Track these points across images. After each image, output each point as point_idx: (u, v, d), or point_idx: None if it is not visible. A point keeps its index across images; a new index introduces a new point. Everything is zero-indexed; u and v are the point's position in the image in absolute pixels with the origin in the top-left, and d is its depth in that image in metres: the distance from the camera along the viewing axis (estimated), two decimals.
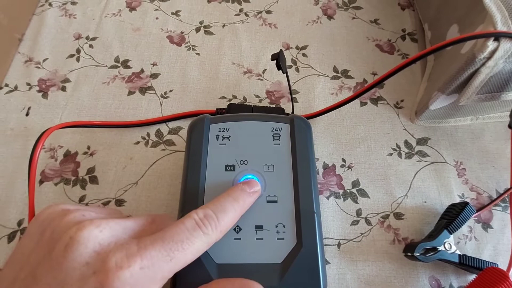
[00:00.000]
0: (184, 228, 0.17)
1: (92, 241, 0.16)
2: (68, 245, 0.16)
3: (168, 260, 0.16)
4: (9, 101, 0.33)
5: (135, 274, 0.15)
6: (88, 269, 0.15)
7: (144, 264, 0.16)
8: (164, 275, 0.16)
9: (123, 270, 0.15)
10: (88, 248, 0.16)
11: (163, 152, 0.30)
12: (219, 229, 0.18)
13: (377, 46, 0.37)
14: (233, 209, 0.19)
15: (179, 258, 0.16)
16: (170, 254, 0.16)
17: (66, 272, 0.15)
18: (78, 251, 0.15)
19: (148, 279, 0.16)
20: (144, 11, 0.39)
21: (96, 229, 0.16)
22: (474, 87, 0.26)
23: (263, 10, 0.39)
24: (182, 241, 0.17)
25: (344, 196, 0.29)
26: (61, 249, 0.16)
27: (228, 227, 0.19)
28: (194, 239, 0.17)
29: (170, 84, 0.34)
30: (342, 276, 0.26)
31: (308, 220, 0.21)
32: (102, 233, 0.16)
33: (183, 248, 0.17)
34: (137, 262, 0.15)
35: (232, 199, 0.20)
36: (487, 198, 0.29)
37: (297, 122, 0.25)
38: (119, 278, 0.15)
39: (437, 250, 0.25)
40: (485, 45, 0.23)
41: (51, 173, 0.29)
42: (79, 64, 0.35)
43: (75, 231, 0.16)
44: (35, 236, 0.17)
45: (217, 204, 0.19)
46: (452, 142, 0.32)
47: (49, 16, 0.38)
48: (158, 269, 0.16)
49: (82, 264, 0.15)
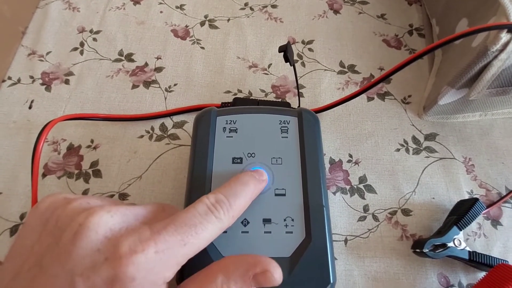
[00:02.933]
0: (196, 212, 0.17)
1: (103, 226, 0.15)
2: (77, 232, 0.15)
3: (182, 245, 0.16)
4: (12, 94, 0.32)
5: (150, 259, 0.15)
6: (100, 256, 0.14)
7: (159, 248, 0.15)
8: (178, 261, 0.16)
9: (137, 255, 0.14)
10: (99, 234, 0.15)
11: (168, 146, 0.30)
12: (231, 213, 0.18)
13: (384, 41, 0.37)
14: (244, 193, 0.19)
15: (192, 243, 0.16)
16: (184, 239, 0.16)
17: (75, 260, 0.14)
18: (88, 237, 0.15)
19: (163, 264, 0.15)
20: (148, 4, 0.38)
21: (107, 214, 0.16)
22: (486, 81, 0.25)
23: (269, 4, 0.39)
24: (195, 225, 0.16)
25: (351, 192, 0.29)
26: (70, 237, 0.15)
27: (240, 212, 0.19)
28: (206, 224, 0.17)
29: (174, 78, 0.34)
30: (349, 272, 0.26)
31: (317, 213, 0.21)
32: (113, 218, 0.16)
33: (196, 232, 0.16)
34: (151, 246, 0.15)
35: (242, 183, 0.19)
36: (497, 195, 0.29)
37: (305, 115, 0.24)
38: (134, 263, 0.14)
39: (447, 246, 0.24)
40: (498, 37, 0.22)
41: (54, 166, 0.29)
42: (83, 58, 0.35)
43: (85, 217, 0.15)
44: (37, 227, 0.16)
45: (228, 189, 0.19)
46: (461, 138, 0.31)
47: (52, 9, 0.38)
48: (173, 254, 0.15)
49: (93, 251, 0.15)
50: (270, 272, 0.16)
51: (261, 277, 0.16)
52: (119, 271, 0.14)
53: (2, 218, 0.27)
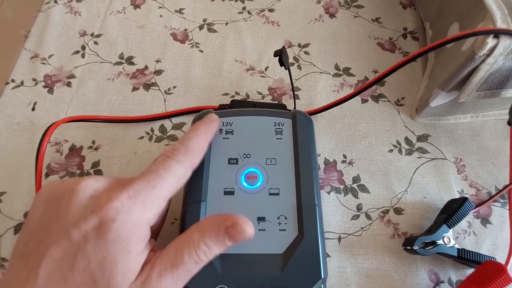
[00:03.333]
0: (157, 163, 0.20)
1: (89, 188, 0.18)
2: (70, 196, 0.18)
3: (151, 188, 0.18)
4: (16, 96, 0.33)
5: (124, 203, 0.18)
6: (87, 210, 0.17)
7: (130, 194, 0.18)
8: (153, 202, 0.18)
9: (113, 201, 0.17)
10: (86, 194, 0.18)
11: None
12: (189, 154, 0.20)
13: (378, 44, 0.37)
14: (196, 136, 0.22)
15: (160, 184, 0.19)
16: (150, 183, 0.18)
17: (70, 217, 0.17)
18: (78, 198, 0.18)
19: (139, 206, 0.18)
20: (148, 8, 0.39)
21: (93, 179, 0.19)
22: (474, 84, 0.26)
23: (266, 8, 0.40)
24: (157, 170, 0.19)
25: (344, 191, 0.29)
26: (65, 201, 0.18)
27: (199, 151, 0.21)
28: (168, 166, 0.19)
29: (173, 80, 0.35)
30: (343, 269, 0.26)
31: (310, 212, 0.21)
32: (98, 182, 0.19)
33: (160, 175, 0.19)
34: (123, 193, 0.18)
35: (194, 129, 0.22)
36: (487, 194, 0.30)
37: (299, 117, 0.25)
38: (112, 208, 0.17)
39: (436, 244, 0.25)
40: (485, 42, 0.23)
41: (57, 166, 0.30)
42: (84, 61, 0.36)
43: (75, 184, 0.19)
44: (40, 204, 0.19)
45: (182, 137, 0.22)
46: (452, 139, 0.32)
47: (54, 13, 0.39)
48: (146, 196, 0.18)
49: (83, 207, 0.18)
50: (239, 224, 0.18)
51: (232, 230, 0.18)
52: (100, 216, 0.17)
53: (6, 216, 0.28)
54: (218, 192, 0.22)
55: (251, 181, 0.23)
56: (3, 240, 0.27)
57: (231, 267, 0.20)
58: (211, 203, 0.22)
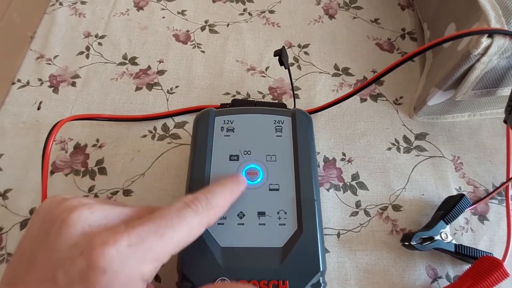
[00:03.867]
0: (173, 208, 0.17)
1: (82, 222, 0.16)
2: (60, 227, 0.16)
3: (158, 237, 0.16)
4: (22, 95, 0.34)
5: (122, 252, 0.15)
6: (77, 250, 0.15)
7: (132, 241, 0.15)
8: (156, 255, 0.16)
9: (108, 246, 0.15)
10: (77, 229, 0.15)
11: (169, 145, 0.32)
12: (210, 208, 0.18)
13: (377, 44, 0.38)
14: (222, 192, 0.20)
15: (170, 234, 0.16)
16: (159, 230, 0.16)
17: (58, 253, 0.15)
18: (68, 232, 0.15)
19: (137, 258, 0.15)
20: (151, 10, 0.40)
21: (87, 211, 0.16)
22: (470, 83, 0.26)
23: (267, 9, 0.40)
24: (171, 217, 0.16)
25: (344, 189, 0.30)
26: (55, 232, 0.16)
27: (220, 209, 0.19)
28: (183, 216, 0.17)
29: (176, 80, 0.35)
30: (342, 264, 0.27)
31: (309, 207, 0.22)
32: (93, 215, 0.16)
33: (173, 224, 0.16)
34: (124, 239, 0.15)
35: (221, 184, 0.20)
36: (484, 192, 0.30)
37: (299, 115, 0.26)
38: (104, 255, 0.14)
39: (434, 239, 0.26)
40: (479, 42, 0.24)
41: (62, 164, 0.30)
42: (89, 61, 0.36)
43: (68, 213, 0.16)
44: (36, 224, 0.17)
45: (206, 189, 0.19)
46: (450, 138, 0.33)
47: (59, 15, 0.39)
48: (148, 247, 0.15)
49: (71, 245, 0.15)
50: None
51: None
52: (90, 263, 0.14)
53: (12, 212, 0.28)
54: None
55: (251, 177, 0.23)
56: (9, 236, 0.28)
57: (231, 260, 0.20)
58: None
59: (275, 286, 0.20)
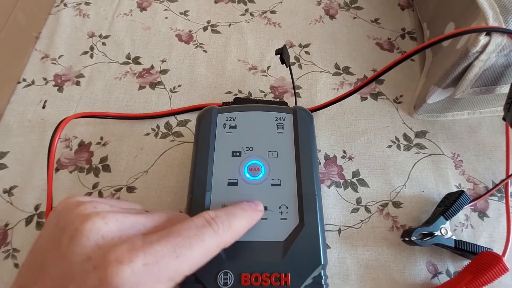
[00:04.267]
0: (193, 225, 0.17)
1: (95, 233, 0.15)
2: (72, 237, 0.15)
3: (174, 257, 0.15)
4: (27, 94, 0.35)
5: (137, 271, 0.14)
6: (89, 264, 0.14)
7: (147, 260, 0.14)
8: (170, 275, 0.15)
9: (123, 266, 0.14)
10: (91, 241, 0.15)
11: (172, 143, 0.32)
12: (229, 230, 0.18)
13: (377, 44, 0.38)
14: (242, 216, 0.19)
15: (186, 255, 0.15)
16: (176, 250, 0.15)
17: (70, 265, 0.15)
18: (80, 243, 0.15)
19: (152, 277, 0.14)
20: (154, 11, 0.41)
21: (101, 221, 0.15)
22: (469, 81, 0.27)
23: (268, 10, 0.41)
24: (190, 237, 0.16)
25: (344, 185, 0.30)
26: (67, 241, 0.15)
27: (238, 233, 0.19)
28: (203, 236, 0.16)
29: (178, 79, 0.36)
30: (343, 260, 0.27)
31: (310, 202, 0.22)
32: (107, 225, 0.15)
33: (191, 243, 0.16)
34: (139, 258, 0.14)
35: (241, 208, 0.20)
36: (484, 189, 0.30)
37: (300, 113, 0.26)
38: (118, 274, 0.14)
39: (434, 235, 0.26)
40: (477, 40, 0.24)
41: (66, 161, 0.31)
42: (93, 61, 0.37)
43: (80, 222, 0.15)
44: (49, 228, 0.17)
45: (227, 209, 0.19)
46: (450, 135, 0.33)
47: (64, 15, 0.40)
48: (164, 267, 0.15)
49: (84, 258, 0.15)
50: None
51: None
52: (104, 280, 0.14)
53: (18, 209, 0.29)
54: (222, 183, 0.23)
55: (253, 172, 0.24)
56: (14, 232, 0.28)
57: (234, 253, 0.21)
58: (215, 193, 0.23)
59: (277, 279, 0.20)
